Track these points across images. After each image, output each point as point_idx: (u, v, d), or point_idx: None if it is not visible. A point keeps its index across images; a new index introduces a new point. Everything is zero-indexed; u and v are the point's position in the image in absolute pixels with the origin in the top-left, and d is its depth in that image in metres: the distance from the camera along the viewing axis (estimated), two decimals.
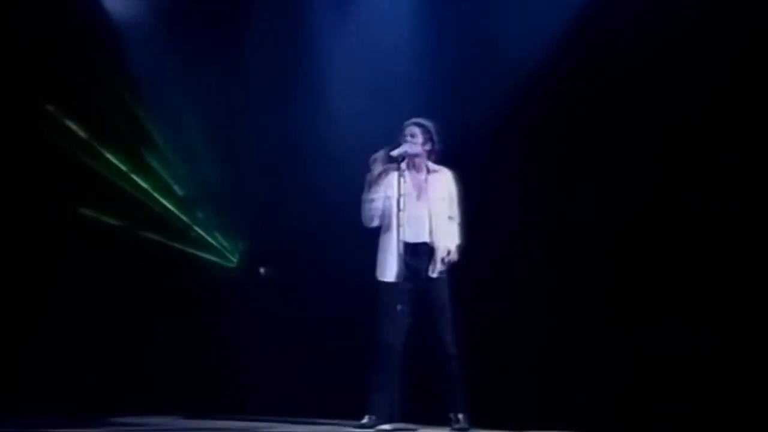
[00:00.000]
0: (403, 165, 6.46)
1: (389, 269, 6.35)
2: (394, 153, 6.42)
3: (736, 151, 6.48)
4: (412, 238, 6.38)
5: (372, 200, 6.47)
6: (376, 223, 6.49)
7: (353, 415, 6.37)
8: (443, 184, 6.55)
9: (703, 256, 6.49)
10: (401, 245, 6.30)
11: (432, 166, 6.59)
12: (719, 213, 6.45)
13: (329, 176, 7.54)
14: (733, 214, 6.43)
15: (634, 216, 6.71)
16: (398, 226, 6.31)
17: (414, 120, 6.56)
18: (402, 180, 6.38)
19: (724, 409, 6.22)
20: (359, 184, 6.64)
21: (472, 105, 7.11)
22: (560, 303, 6.85)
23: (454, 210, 6.53)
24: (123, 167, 8.03)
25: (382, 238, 6.46)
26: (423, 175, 6.56)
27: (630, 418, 6.38)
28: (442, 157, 6.60)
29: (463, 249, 6.46)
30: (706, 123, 6.53)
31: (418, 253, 6.40)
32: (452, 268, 6.41)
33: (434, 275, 6.37)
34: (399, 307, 6.22)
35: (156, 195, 8.09)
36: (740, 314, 6.36)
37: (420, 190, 6.51)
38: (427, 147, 6.56)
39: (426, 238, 6.42)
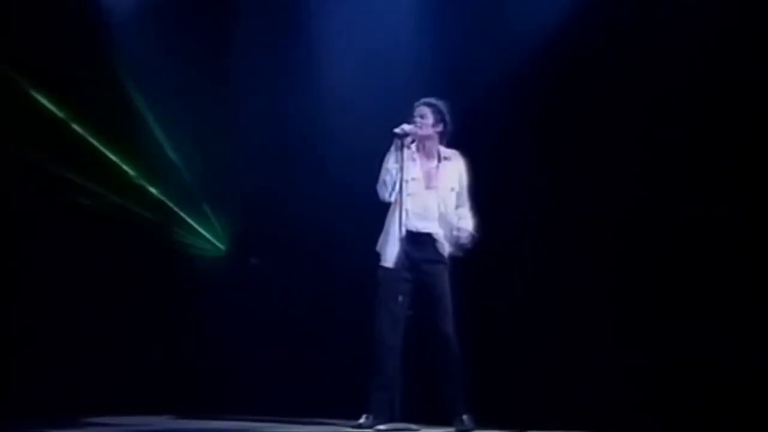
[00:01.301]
0: (413, 147, 6.24)
1: (389, 254, 6.14)
2: (396, 129, 6.15)
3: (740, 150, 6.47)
4: (415, 227, 6.16)
5: (387, 170, 6.18)
6: (389, 196, 6.20)
7: (350, 414, 6.21)
8: (454, 173, 6.31)
9: (706, 257, 6.44)
10: (403, 231, 6.08)
11: (444, 151, 6.32)
12: (727, 214, 6.40)
13: (326, 160, 7.35)
14: (741, 216, 6.39)
15: (638, 214, 6.63)
16: (401, 210, 6.08)
17: (424, 100, 6.29)
18: (410, 163, 6.15)
19: (725, 409, 6.17)
20: (358, 168, 6.47)
21: (476, 86, 6.93)
22: (562, 301, 6.77)
23: (464, 199, 6.31)
24: (107, 151, 7.79)
25: (388, 220, 6.23)
26: (434, 162, 6.30)
27: (631, 419, 6.30)
28: (453, 140, 6.35)
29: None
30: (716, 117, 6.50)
31: (419, 243, 6.17)
32: (453, 260, 6.24)
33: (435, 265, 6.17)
34: (400, 298, 6.02)
35: (141, 180, 7.84)
36: (742, 316, 6.32)
37: (430, 178, 6.26)
38: (439, 128, 6.28)
39: (430, 229, 6.22)
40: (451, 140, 6.36)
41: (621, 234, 6.68)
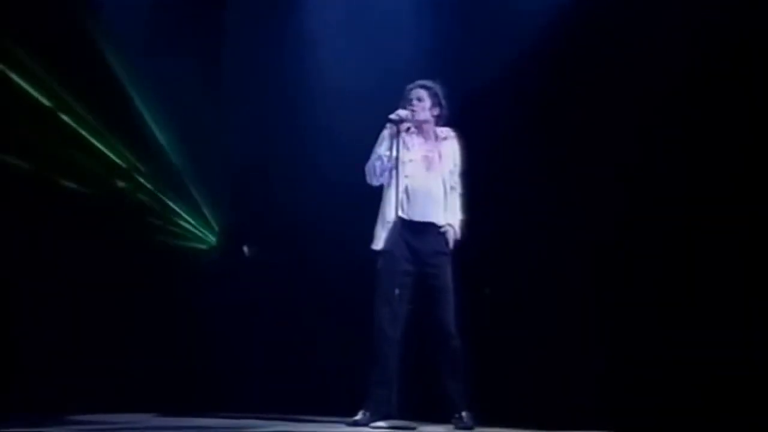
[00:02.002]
0: (413, 129, 6.05)
1: (386, 240, 5.92)
2: (392, 115, 5.97)
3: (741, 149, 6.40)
4: (417, 216, 5.98)
5: (379, 156, 5.98)
6: (376, 181, 6.01)
7: (346, 411, 6.05)
8: (452, 153, 6.13)
9: (706, 257, 6.36)
10: (400, 218, 5.87)
11: (440, 132, 6.16)
12: (727, 214, 6.31)
13: (320, 145, 7.17)
14: (741, 215, 6.30)
15: (639, 213, 6.53)
16: (397, 196, 5.87)
17: (420, 82, 6.12)
18: (407, 148, 5.97)
19: (725, 409, 6.08)
20: (354, 153, 6.25)
21: (476, 70, 6.79)
22: (563, 300, 6.67)
23: (456, 179, 6.14)
24: (96, 142, 7.57)
25: (383, 205, 6.02)
26: (432, 144, 6.12)
27: (631, 419, 6.21)
28: (450, 123, 6.18)
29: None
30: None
31: (422, 233, 5.99)
32: (455, 249, 6.07)
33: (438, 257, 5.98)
34: (397, 291, 5.82)
35: (126, 167, 7.63)
36: (742, 316, 6.24)
37: (429, 162, 6.06)
38: (435, 112, 6.12)
39: (432, 218, 6.03)
40: (447, 124, 6.20)
41: (621, 233, 6.58)
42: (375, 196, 6.13)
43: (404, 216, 5.95)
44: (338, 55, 7.23)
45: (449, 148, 6.15)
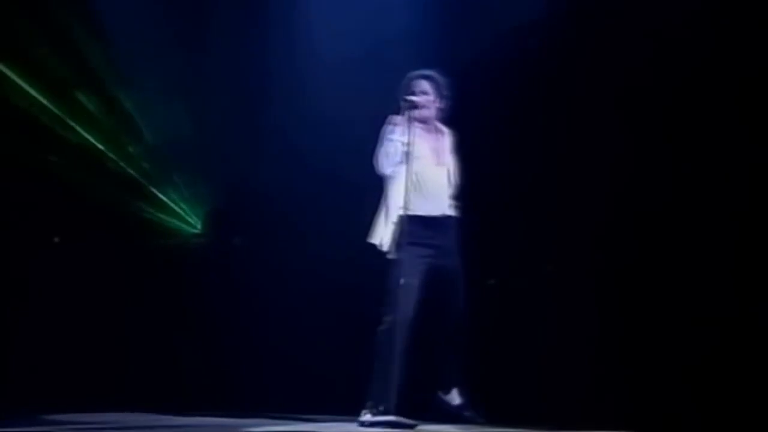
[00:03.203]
0: (418, 123, 5.87)
1: (392, 239, 5.78)
2: (411, 97, 5.81)
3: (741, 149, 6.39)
4: (429, 211, 5.84)
5: (392, 141, 5.80)
6: (389, 169, 5.84)
7: (345, 410, 6.01)
8: (452, 148, 6.03)
9: (707, 256, 6.36)
10: (409, 217, 5.69)
11: (440, 127, 6.05)
12: (727, 212, 6.32)
13: (314, 128, 7.07)
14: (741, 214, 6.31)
15: (639, 212, 6.53)
16: (407, 192, 5.70)
17: (421, 72, 5.96)
18: (416, 139, 5.79)
19: (725, 409, 6.08)
20: (348, 137, 6.16)
21: (474, 51, 6.75)
22: (563, 299, 6.67)
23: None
24: (73, 120, 7.49)
25: (387, 204, 5.86)
26: (437, 137, 6.00)
27: (631, 418, 6.20)
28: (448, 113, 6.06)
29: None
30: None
31: (435, 227, 5.85)
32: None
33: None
34: (402, 281, 5.64)
35: (109, 150, 7.53)
36: (742, 316, 6.25)
37: (438, 155, 5.94)
38: (438, 104, 5.99)
39: (447, 210, 5.91)
40: (445, 116, 6.10)
41: (622, 231, 6.58)
42: (377, 187, 6.00)
43: (416, 212, 5.79)
44: (330, 41, 7.15)
45: (451, 144, 6.07)
